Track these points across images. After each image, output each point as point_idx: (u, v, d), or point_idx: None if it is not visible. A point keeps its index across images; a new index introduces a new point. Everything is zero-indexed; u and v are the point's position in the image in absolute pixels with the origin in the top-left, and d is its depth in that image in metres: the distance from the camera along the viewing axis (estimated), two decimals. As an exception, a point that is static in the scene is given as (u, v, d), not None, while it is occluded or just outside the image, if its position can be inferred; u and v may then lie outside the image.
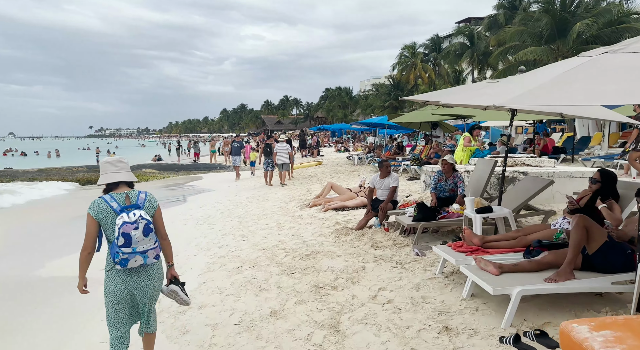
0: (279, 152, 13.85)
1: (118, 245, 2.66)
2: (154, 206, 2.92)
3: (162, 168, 22.19)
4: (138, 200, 2.82)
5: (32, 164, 32.40)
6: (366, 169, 16.39)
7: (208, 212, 10.08)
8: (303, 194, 11.49)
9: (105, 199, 2.75)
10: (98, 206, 2.73)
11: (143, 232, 2.70)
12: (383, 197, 6.61)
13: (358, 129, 33.10)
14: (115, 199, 2.76)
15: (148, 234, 2.73)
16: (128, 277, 2.79)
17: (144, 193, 2.89)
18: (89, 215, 2.73)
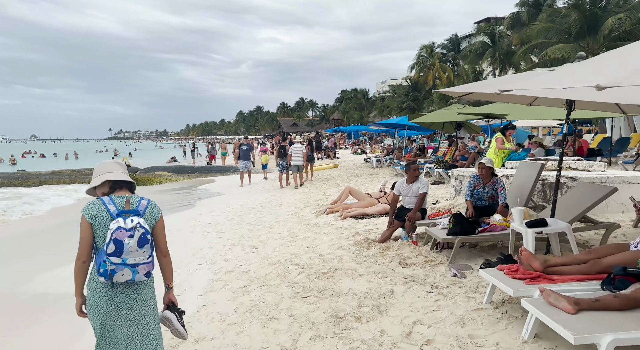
0: (293, 153, 13.42)
1: (107, 253, 2.30)
2: (156, 216, 2.57)
3: (175, 170, 21.71)
4: (139, 206, 2.49)
5: (49, 166, 32.41)
6: (385, 172, 15.56)
7: (217, 219, 9.41)
8: (319, 198, 10.74)
9: (103, 201, 2.44)
10: (93, 207, 2.42)
11: (138, 242, 2.34)
12: (410, 205, 5.81)
13: (376, 130, 32.21)
14: (113, 201, 2.45)
15: (143, 245, 2.37)
16: (111, 295, 2.41)
17: (147, 200, 2.56)
18: (82, 217, 2.40)
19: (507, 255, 4.30)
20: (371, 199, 8.44)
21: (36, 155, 53.14)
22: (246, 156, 15.21)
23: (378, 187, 11.23)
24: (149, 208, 2.53)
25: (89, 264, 2.44)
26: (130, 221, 2.36)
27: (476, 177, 5.56)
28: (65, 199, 14.73)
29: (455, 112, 11.80)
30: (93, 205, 2.43)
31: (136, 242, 2.33)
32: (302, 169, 13.82)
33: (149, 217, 2.51)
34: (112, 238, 2.30)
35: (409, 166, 5.87)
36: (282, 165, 13.91)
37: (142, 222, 2.39)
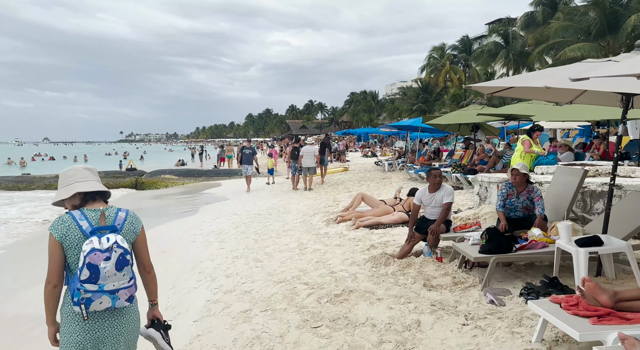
0: (305, 155, 13.16)
1: (80, 280, 2.00)
2: (136, 230, 2.25)
3: (181, 174, 21.27)
4: (116, 220, 2.17)
5: (57, 168, 32.22)
6: (398, 176, 14.91)
7: (222, 226, 8.84)
8: (329, 205, 10.14)
9: (74, 216, 2.11)
10: (63, 224, 2.09)
11: (116, 265, 2.04)
12: (433, 216, 5.18)
13: (387, 132, 31.53)
14: (86, 216, 2.12)
15: (122, 267, 2.06)
16: (89, 325, 2.09)
17: (125, 211, 2.23)
18: (51, 235, 2.08)
19: (551, 279, 3.67)
20: (386, 206, 7.81)
21: (46, 158, 53.27)
22: (249, 160, 14.25)
23: (392, 193, 10.60)
24: (128, 221, 2.21)
25: (60, 288, 2.13)
26: (105, 240, 2.04)
27: (509, 185, 4.92)
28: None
29: (474, 113, 11.15)
30: (62, 221, 2.10)
31: (114, 265, 2.03)
32: (314, 172, 13.51)
33: (129, 231, 2.20)
34: (86, 262, 1.99)
35: (430, 172, 5.24)
36: (295, 167, 13.79)
37: (119, 241, 2.08)
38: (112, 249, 2.04)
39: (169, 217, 11.06)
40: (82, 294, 2.01)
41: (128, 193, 17.97)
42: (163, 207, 13.16)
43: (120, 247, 2.07)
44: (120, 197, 16.14)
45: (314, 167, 13.38)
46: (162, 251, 7.20)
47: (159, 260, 6.72)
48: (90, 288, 2.01)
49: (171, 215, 11.23)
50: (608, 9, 20.62)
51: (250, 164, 14.29)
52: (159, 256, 6.94)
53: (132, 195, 17.01)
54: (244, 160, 14.20)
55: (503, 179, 6.17)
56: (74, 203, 2.18)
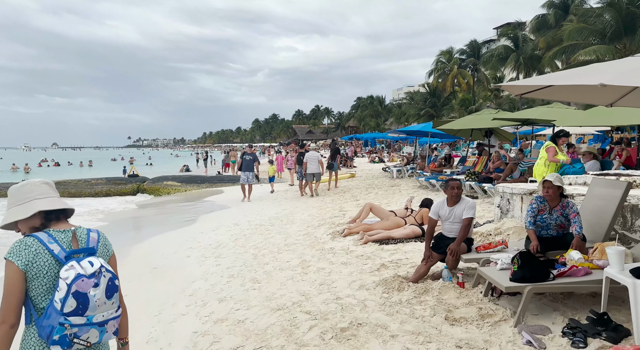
0: (309, 161, 13.01)
1: (64, 313, 1.67)
2: (109, 252, 1.97)
3: (184, 180, 20.78)
4: (89, 242, 1.87)
5: (61, 174, 32.00)
6: (407, 183, 14.29)
7: (220, 239, 8.28)
8: (334, 215, 9.55)
9: (41, 239, 1.76)
10: (27, 249, 1.73)
11: (106, 292, 1.76)
12: (452, 233, 4.58)
13: (395, 137, 30.92)
14: (56, 238, 1.80)
15: (112, 294, 1.79)
16: None
17: (96, 232, 1.94)
18: (10, 264, 1.72)
19: (600, 314, 3.05)
20: (396, 218, 7.21)
21: (52, 164, 53.20)
22: (249, 167, 13.23)
23: (402, 202, 9.99)
24: (101, 242, 1.92)
25: (17, 329, 1.75)
26: (88, 265, 1.74)
27: (540, 199, 4.30)
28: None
29: (488, 117, 10.54)
30: (26, 246, 1.74)
31: (104, 292, 1.75)
32: (319, 178, 13.31)
33: (102, 253, 1.91)
34: (72, 291, 1.68)
35: (448, 184, 4.63)
36: (301, 172, 13.67)
37: (104, 264, 1.79)
38: (100, 274, 1.75)
39: (166, 227, 10.53)
40: (67, 330, 1.69)
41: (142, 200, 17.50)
42: (161, 216, 12.63)
43: (109, 271, 1.80)
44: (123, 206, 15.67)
45: (319, 173, 13.19)
46: (154, 268, 6.65)
47: (148, 279, 6.17)
48: (77, 321, 1.70)
49: (168, 225, 10.69)
50: (624, 10, 19.94)
51: (251, 170, 13.28)
52: (149, 274, 6.39)
53: (137, 202, 16.54)
54: (243, 167, 13.25)
55: (527, 190, 5.56)
56: (34, 224, 1.84)
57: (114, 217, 12.75)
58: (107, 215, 13.09)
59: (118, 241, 9.28)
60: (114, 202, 16.50)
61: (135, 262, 7.11)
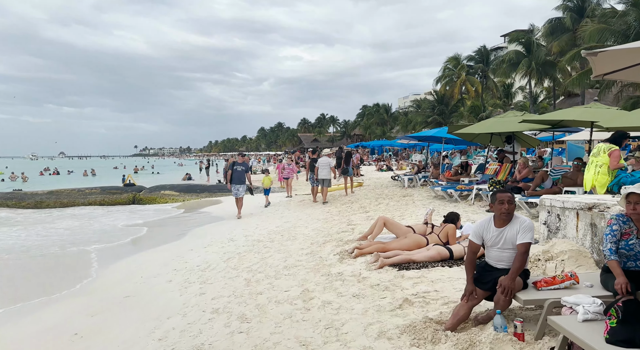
0: (320, 166, 12.81)
1: None
2: None
3: (182, 189, 19.77)
4: None
5: (58, 184, 31.19)
6: (420, 193, 13.13)
7: (210, 258, 7.19)
8: (342, 229, 8.43)
9: None
10: None
11: None
12: (502, 263, 3.45)
13: (404, 144, 29.78)
14: None
15: None
16: None
17: None
18: None
19: None
20: (416, 236, 6.08)
21: (54, 172, 52.48)
22: (240, 179, 11.61)
23: (419, 216, 8.85)
24: None
25: None
26: None
27: (622, 218, 3.18)
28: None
29: (514, 120, 9.42)
30: None
31: None
32: (329, 184, 13.14)
33: None
34: None
35: (495, 196, 3.50)
36: (313, 178, 13.59)
37: None
38: None
39: (153, 242, 9.45)
40: None
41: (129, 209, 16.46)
42: (150, 229, 11.53)
43: None
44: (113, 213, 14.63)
45: (329, 179, 12.96)
46: (126, 296, 5.56)
47: (115, 313, 5.07)
48: None
49: (156, 240, 9.61)
50: (648, 10, 18.82)
51: (242, 183, 11.62)
52: (119, 305, 5.30)
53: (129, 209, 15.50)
54: (234, 179, 11.50)
55: (584, 204, 4.44)
56: None
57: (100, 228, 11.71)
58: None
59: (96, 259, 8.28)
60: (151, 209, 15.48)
61: (107, 288, 6.03)
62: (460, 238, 6.07)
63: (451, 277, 4.67)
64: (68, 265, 7.97)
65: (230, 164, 11.89)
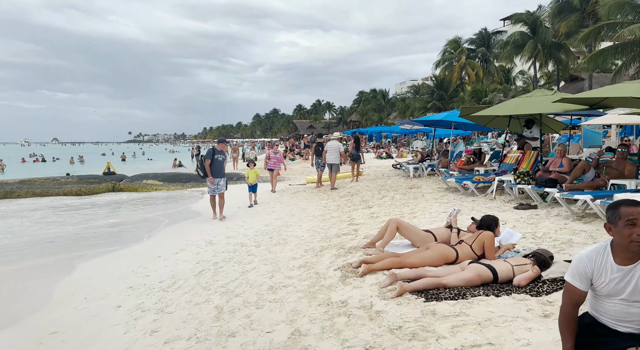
0: (329, 150, 12.32)
1: None
2: None
3: (167, 178, 18.24)
4: None
5: (39, 172, 29.58)
6: (428, 184, 11.69)
7: (179, 270, 5.76)
8: (343, 230, 7.01)
9: None
10: None
11: None
12: (627, 324, 2.02)
13: (406, 131, 28.28)
14: None
15: None
16: None
17: None
18: None
19: None
20: (441, 246, 4.64)
21: (41, 159, 50.58)
22: (221, 171, 9.60)
23: (435, 214, 7.43)
24: None
25: None
26: None
27: None
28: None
29: (546, 100, 7.95)
30: None
31: None
32: (337, 169, 12.58)
33: None
34: None
35: (618, 211, 2.04)
36: (318, 163, 13.34)
37: None
38: None
39: (114, 242, 7.98)
40: None
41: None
42: (113, 226, 9.97)
43: None
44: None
45: (337, 164, 12.37)
46: (52, 332, 4.10)
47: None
48: None
49: (118, 241, 8.13)
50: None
51: (223, 176, 9.66)
52: (38, 346, 3.84)
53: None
54: (214, 172, 9.39)
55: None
56: None
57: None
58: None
59: (39, 266, 6.61)
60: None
61: (34, 318, 4.56)
62: (499, 250, 4.65)
63: (504, 315, 3.25)
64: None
65: (209, 152, 9.47)
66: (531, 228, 5.86)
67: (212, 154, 9.48)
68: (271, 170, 13.54)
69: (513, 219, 6.60)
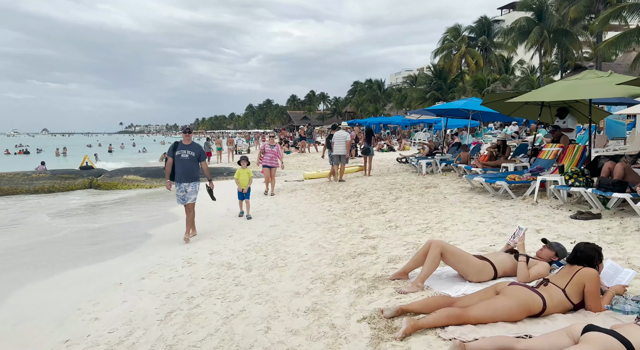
0: (336, 141, 11.68)
1: None
2: None
3: (149, 174, 16.58)
4: None
5: (19, 165, 27.84)
6: (446, 182, 10.18)
7: (140, 309, 4.22)
8: (356, 246, 5.51)
9: None
10: None
11: None
12: None
13: (408, 121, 26.72)
14: None
15: None
16: None
17: None
18: None
19: None
20: (520, 291, 3.11)
21: (28, 150, 48.44)
22: (189, 173, 6.93)
23: (470, 223, 5.90)
24: None
25: None
26: None
27: None
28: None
29: (605, 82, 6.43)
30: None
31: None
32: (346, 161, 11.98)
33: None
34: None
35: None
36: (331, 156, 12.53)
37: None
38: None
39: (65, 260, 6.39)
40: None
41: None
42: (70, 236, 8.31)
43: None
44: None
45: (344, 155, 11.73)
46: None
47: None
48: None
49: (71, 258, 6.53)
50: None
51: (193, 179, 6.97)
52: None
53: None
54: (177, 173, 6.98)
55: None
56: None
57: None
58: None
59: None
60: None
61: None
62: (605, 297, 3.13)
63: None
64: None
65: (171, 147, 7.06)
66: (616, 251, 4.37)
67: (174, 150, 6.95)
68: (268, 167, 10.92)
69: (577, 233, 5.12)
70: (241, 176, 8.42)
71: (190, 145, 7.06)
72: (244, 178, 8.39)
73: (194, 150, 7.03)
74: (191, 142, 7.12)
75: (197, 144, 7.25)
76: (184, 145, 7.05)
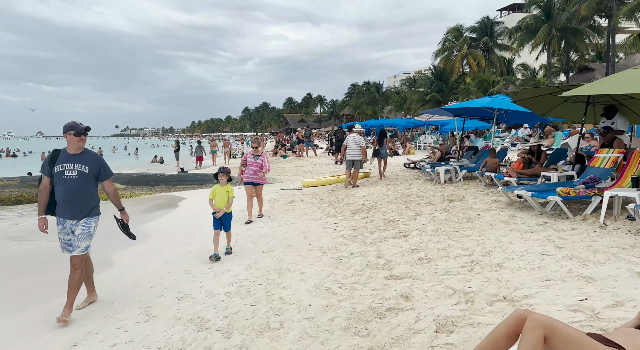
0: (349, 145, 11.05)
1: None
2: None
3: (132, 180, 14.96)
4: None
5: (4, 168, 26.21)
6: (473, 194, 8.59)
7: None
8: (380, 294, 3.94)
9: None
10: None
11: None
12: None
13: (421, 122, 25.12)
14: None
15: None
16: None
17: None
18: None
19: None
20: None
21: (16, 154, 46.61)
22: (80, 203, 4.31)
23: (546, 264, 4.30)
24: None
25: None
26: None
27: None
28: None
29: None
30: None
31: None
32: (360, 165, 11.09)
33: None
34: None
35: None
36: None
37: None
38: None
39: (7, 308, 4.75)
40: None
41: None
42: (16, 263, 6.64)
43: None
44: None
45: (359, 161, 10.95)
46: None
47: None
48: None
49: (16, 304, 4.89)
50: None
51: (88, 214, 4.40)
52: None
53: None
54: (58, 202, 4.31)
55: None
56: None
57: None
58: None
59: None
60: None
61: None
62: None
63: None
64: None
65: (46, 161, 4.31)
66: None
67: (51, 163, 4.25)
68: (250, 184, 8.02)
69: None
70: (217, 196, 6.03)
71: (81, 154, 4.31)
72: (220, 198, 6.01)
73: (87, 163, 4.29)
74: (83, 150, 4.34)
75: (94, 154, 4.49)
76: (69, 155, 4.27)
